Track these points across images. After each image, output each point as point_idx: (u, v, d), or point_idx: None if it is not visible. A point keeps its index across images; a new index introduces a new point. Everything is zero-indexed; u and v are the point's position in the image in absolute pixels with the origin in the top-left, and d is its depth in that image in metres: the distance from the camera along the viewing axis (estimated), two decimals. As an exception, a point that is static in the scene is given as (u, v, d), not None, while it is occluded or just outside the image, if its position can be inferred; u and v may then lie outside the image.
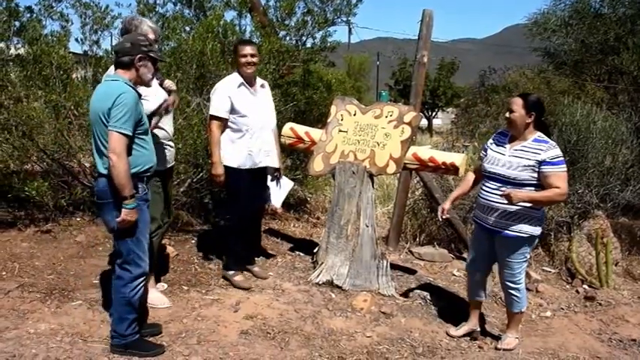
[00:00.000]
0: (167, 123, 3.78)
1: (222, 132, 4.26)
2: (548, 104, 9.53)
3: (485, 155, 3.68)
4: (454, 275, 5.21)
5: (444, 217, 3.83)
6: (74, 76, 5.41)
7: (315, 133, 4.95)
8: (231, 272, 4.45)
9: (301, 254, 5.25)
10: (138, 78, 3.08)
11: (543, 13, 10.68)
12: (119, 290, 3.13)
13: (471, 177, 3.89)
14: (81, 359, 3.10)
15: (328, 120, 4.94)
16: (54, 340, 3.29)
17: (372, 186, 4.60)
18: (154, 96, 3.68)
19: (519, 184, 3.43)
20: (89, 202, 5.44)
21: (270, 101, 4.59)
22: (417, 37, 5.40)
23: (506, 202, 3.41)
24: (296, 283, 4.50)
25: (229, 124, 4.25)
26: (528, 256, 3.67)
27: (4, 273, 4.20)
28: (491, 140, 3.73)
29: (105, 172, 2.98)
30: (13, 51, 5.26)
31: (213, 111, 4.23)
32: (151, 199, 3.56)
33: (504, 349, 3.69)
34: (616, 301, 4.76)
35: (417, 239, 6.15)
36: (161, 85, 3.83)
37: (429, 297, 4.45)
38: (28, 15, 5.36)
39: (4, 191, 5.24)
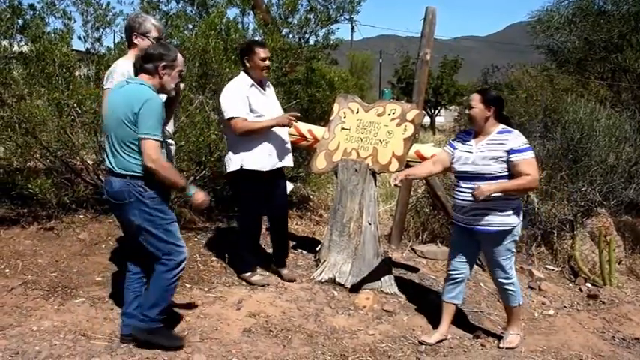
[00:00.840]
0: (168, 121, 3.77)
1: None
2: (551, 102, 9.53)
3: (453, 155, 3.68)
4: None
5: (396, 183, 3.73)
6: (77, 73, 5.40)
7: (318, 131, 4.95)
8: (247, 274, 4.44)
9: (304, 252, 5.25)
10: (160, 85, 3.12)
11: (546, 11, 10.65)
12: (162, 277, 3.17)
13: (429, 163, 3.92)
14: (84, 356, 3.11)
15: (331, 118, 4.94)
16: (57, 338, 3.30)
17: (375, 184, 4.59)
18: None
19: (490, 177, 3.45)
20: (92, 199, 5.45)
21: (276, 99, 4.58)
22: (419, 35, 5.39)
23: (481, 199, 3.40)
24: (299, 280, 4.50)
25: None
26: (515, 250, 3.66)
27: (7, 270, 4.21)
28: (456, 141, 3.74)
29: (121, 171, 3.03)
30: (16, 49, 5.26)
31: (233, 113, 4.10)
32: None
33: (507, 348, 3.68)
34: (619, 300, 4.75)
35: (420, 237, 6.14)
36: None
37: (431, 295, 4.45)
38: (31, 13, 5.35)
39: (8, 189, 5.24)
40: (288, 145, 4.48)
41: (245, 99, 4.15)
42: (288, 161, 4.48)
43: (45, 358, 3.06)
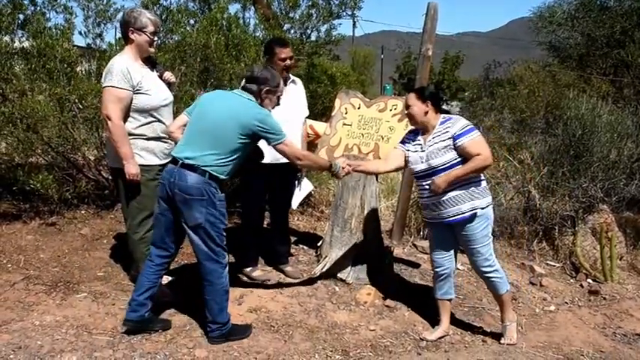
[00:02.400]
0: (167, 117, 3.77)
1: None
2: (553, 98, 9.52)
3: (408, 156, 3.67)
4: (457, 269, 5.19)
5: (343, 174, 3.71)
6: (78, 69, 5.40)
7: (320, 127, 4.94)
8: (248, 269, 4.46)
9: (305, 247, 5.26)
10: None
11: (549, 7, 10.64)
12: (217, 282, 3.30)
13: (381, 160, 3.96)
14: (86, 351, 3.12)
15: (332, 113, 4.93)
16: (59, 332, 3.31)
17: (376, 179, 4.59)
18: (155, 89, 3.68)
19: (444, 168, 3.45)
20: (94, 195, 5.46)
21: (300, 97, 4.54)
22: (421, 31, 5.37)
23: (446, 190, 3.42)
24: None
25: None
26: (491, 235, 3.62)
27: (9, 265, 4.22)
28: (406, 143, 3.72)
29: (208, 168, 3.15)
30: (17, 44, 5.26)
31: None
32: (150, 193, 3.58)
33: (508, 344, 3.68)
34: (620, 296, 4.75)
35: (421, 233, 6.13)
36: (160, 77, 3.82)
37: (432, 290, 4.44)
38: (32, 8, 5.35)
39: (9, 184, 5.26)
40: (297, 142, 4.41)
41: None
42: None
43: (47, 353, 3.07)
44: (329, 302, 4.09)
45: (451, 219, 3.53)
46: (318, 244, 4.90)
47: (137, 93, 3.58)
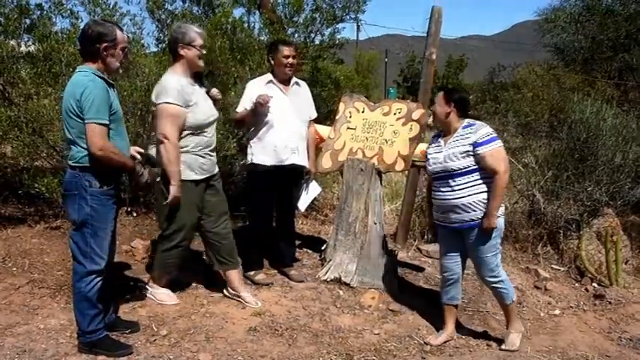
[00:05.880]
0: (210, 133, 3.77)
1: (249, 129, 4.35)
2: (557, 101, 9.49)
3: (427, 160, 3.71)
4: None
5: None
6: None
7: (324, 130, 4.94)
8: (251, 273, 4.46)
9: (309, 251, 5.26)
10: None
11: (553, 9, 10.63)
12: (74, 285, 3.09)
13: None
14: (90, 355, 3.12)
15: (337, 117, 4.94)
16: (63, 336, 3.32)
17: (381, 183, 4.59)
18: (204, 106, 3.67)
19: (462, 173, 3.46)
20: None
21: (306, 98, 4.55)
22: (425, 34, 5.38)
23: (460, 196, 3.45)
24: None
25: (253, 121, 4.25)
26: (500, 246, 3.62)
27: (14, 269, 4.23)
28: (428, 146, 3.80)
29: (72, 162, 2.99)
30: (23, 48, 5.29)
31: (239, 107, 4.31)
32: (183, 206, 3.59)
33: (507, 350, 3.64)
34: (626, 300, 4.72)
35: (425, 237, 6.13)
36: (207, 93, 3.81)
37: (436, 294, 4.44)
38: (39, 12, 5.37)
39: (15, 187, 5.27)
40: (300, 143, 4.39)
41: (251, 96, 4.17)
42: (298, 159, 4.36)
43: (51, 357, 3.08)
44: (333, 306, 4.08)
45: (464, 224, 3.53)
46: (323, 248, 4.90)
47: (189, 109, 3.56)
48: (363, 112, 4.82)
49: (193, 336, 3.46)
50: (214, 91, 3.90)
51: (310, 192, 4.65)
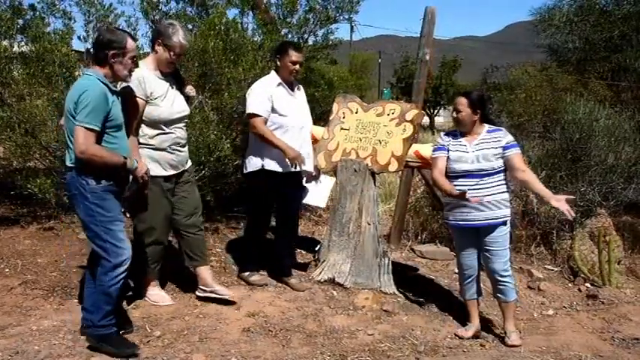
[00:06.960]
0: (178, 130, 3.74)
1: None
2: (550, 102, 9.52)
3: (447, 156, 3.79)
4: (456, 273, 5.19)
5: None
6: (77, 74, 5.39)
7: (317, 131, 4.94)
8: (246, 274, 4.46)
9: (303, 252, 5.25)
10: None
11: (548, 9, 10.65)
12: (98, 277, 3.12)
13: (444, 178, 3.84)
14: (83, 356, 3.11)
15: (330, 118, 4.94)
16: (56, 337, 3.31)
17: (374, 184, 4.59)
18: (168, 101, 3.63)
19: (492, 173, 3.67)
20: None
21: (306, 102, 4.55)
22: (419, 35, 5.39)
23: (491, 193, 3.63)
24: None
25: (269, 124, 4.18)
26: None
27: (7, 270, 4.21)
28: (446, 142, 3.85)
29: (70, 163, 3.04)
30: (16, 49, 5.26)
31: (253, 109, 4.14)
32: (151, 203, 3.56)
33: (512, 345, 3.71)
34: (619, 300, 4.75)
35: (419, 237, 6.15)
36: (180, 89, 3.77)
37: (430, 295, 4.45)
38: (32, 13, 5.35)
39: (7, 188, 5.25)
40: (311, 149, 4.46)
41: (269, 97, 4.16)
42: (309, 165, 4.39)
43: (44, 358, 3.07)
44: (327, 307, 4.08)
45: (484, 222, 3.68)
46: (317, 249, 4.90)
47: (149, 104, 3.54)
48: (356, 112, 4.82)
49: (187, 337, 3.45)
50: (188, 88, 3.89)
51: (324, 185, 4.67)
